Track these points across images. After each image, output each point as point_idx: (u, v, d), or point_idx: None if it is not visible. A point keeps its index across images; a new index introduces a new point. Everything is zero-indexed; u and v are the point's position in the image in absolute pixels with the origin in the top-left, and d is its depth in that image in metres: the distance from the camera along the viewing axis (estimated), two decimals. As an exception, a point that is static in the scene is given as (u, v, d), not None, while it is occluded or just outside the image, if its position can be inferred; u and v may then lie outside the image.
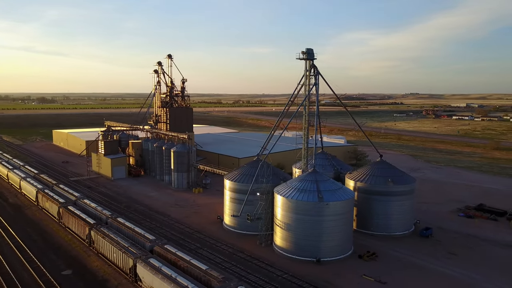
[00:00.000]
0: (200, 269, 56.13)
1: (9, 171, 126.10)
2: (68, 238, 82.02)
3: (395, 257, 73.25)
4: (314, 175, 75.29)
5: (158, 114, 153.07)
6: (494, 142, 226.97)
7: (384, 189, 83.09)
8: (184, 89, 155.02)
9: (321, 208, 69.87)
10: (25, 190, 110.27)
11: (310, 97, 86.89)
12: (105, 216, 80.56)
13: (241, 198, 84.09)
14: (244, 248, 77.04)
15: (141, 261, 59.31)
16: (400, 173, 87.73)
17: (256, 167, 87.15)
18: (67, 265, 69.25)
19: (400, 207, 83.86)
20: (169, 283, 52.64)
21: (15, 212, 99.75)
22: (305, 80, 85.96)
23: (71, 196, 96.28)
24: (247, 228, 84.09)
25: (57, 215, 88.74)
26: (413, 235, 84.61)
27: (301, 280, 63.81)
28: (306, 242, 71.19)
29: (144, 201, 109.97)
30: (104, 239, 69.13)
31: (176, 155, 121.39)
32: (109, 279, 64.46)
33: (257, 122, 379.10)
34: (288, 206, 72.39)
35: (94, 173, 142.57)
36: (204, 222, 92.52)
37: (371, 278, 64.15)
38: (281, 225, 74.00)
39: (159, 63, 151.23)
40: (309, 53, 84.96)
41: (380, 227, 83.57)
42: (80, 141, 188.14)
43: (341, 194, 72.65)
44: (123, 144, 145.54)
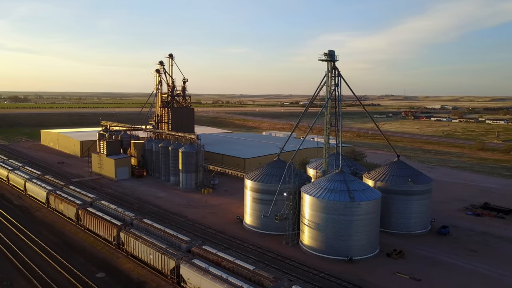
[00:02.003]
0: (247, 269, 56.31)
1: (9, 172, 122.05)
2: (90, 240, 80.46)
3: (420, 254, 75.42)
4: (342, 175, 76.67)
5: (160, 114, 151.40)
6: (479, 143, 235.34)
7: (404, 188, 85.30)
8: (185, 89, 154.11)
9: (353, 208, 71.25)
10: (31, 192, 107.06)
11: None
12: (129, 218, 79.39)
13: (264, 198, 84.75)
14: (271, 248, 77.58)
15: (185, 262, 58.99)
16: (417, 172, 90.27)
17: (277, 167, 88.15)
18: (98, 268, 68.02)
19: (419, 206, 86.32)
20: (222, 283, 52.65)
21: (25, 215, 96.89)
22: (327, 81, 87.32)
23: (85, 197, 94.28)
24: (270, 228, 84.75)
25: (75, 217, 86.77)
26: (430, 233, 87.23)
27: (338, 278, 64.94)
28: (337, 241, 72.38)
29: (155, 202, 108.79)
30: (137, 241, 68.25)
31: (184, 156, 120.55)
32: (146, 281, 63.78)
33: (244, 123, 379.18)
34: (318, 206, 73.41)
35: (95, 174, 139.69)
36: (223, 223, 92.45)
37: (406, 276, 65.94)
38: (310, 224, 74.95)
39: (161, 63, 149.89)
40: (331, 55, 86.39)
41: (400, 225, 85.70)
42: (73, 141, 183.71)
43: (370, 193, 74.30)
44: (124, 144, 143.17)
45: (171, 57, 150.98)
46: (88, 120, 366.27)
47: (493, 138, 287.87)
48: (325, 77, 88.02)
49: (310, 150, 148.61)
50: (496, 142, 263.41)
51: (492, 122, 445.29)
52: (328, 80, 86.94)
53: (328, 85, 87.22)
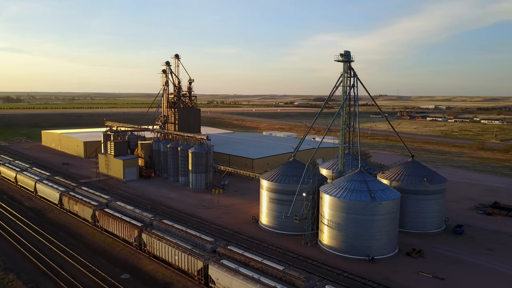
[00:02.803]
0: (277, 270, 56.57)
1: (18, 173, 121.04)
2: (109, 241, 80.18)
3: (439, 254, 76.20)
4: (362, 175, 77.23)
5: (166, 115, 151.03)
6: (479, 142, 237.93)
7: (420, 188, 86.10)
8: (191, 89, 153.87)
9: (374, 208, 71.84)
10: (42, 193, 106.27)
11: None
12: (148, 219, 79.24)
13: (282, 198, 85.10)
14: (291, 248, 77.90)
15: (213, 262, 59.09)
16: (432, 172, 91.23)
17: (293, 168, 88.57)
18: (122, 269, 67.82)
19: (434, 205, 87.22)
20: (254, 283, 52.84)
21: (38, 216, 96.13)
22: (343, 81, 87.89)
23: (100, 198, 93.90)
24: (287, 228, 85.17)
25: (91, 218, 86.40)
26: (445, 232, 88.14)
27: (362, 277, 65.43)
28: (358, 241, 72.90)
29: (167, 202, 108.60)
30: (160, 242, 68.18)
31: (194, 156, 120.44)
32: (172, 282, 63.76)
33: (243, 123, 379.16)
34: (338, 206, 73.86)
35: (102, 175, 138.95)
36: (239, 223, 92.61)
37: (429, 274, 66.63)
38: (330, 224, 75.40)
39: (167, 63, 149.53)
40: (347, 55, 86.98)
41: (415, 225, 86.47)
42: (76, 142, 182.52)
43: (390, 193, 74.96)
44: (131, 145, 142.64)
45: (177, 57, 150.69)
46: (86, 121, 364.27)
47: (491, 138, 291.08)
48: (341, 78, 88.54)
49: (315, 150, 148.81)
50: (494, 141, 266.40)
51: (487, 122, 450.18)
52: (344, 80, 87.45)
53: (344, 86, 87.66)
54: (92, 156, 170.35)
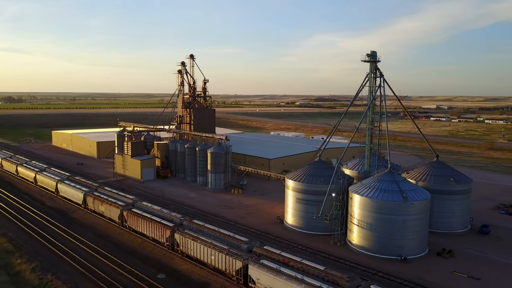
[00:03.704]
0: (318, 270, 56.72)
1: (37, 173, 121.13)
2: (138, 241, 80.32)
3: (469, 254, 76.44)
4: (392, 175, 77.47)
5: (181, 115, 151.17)
6: (488, 142, 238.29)
7: (446, 188, 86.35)
8: (206, 89, 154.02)
9: (406, 208, 72.09)
10: (64, 193, 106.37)
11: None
12: (178, 219, 79.38)
13: (309, 198, 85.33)
14: (320, 248, 78.10)
15: (253, 262, 59.25)
16: (457, 172, 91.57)
17: (320, 168, 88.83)
18: (156, 269, 67.94)
19: (460, 205, 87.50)
20: (299, 283, 53.01)
21: (63, 217, 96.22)
22: (369, 81, 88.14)
23: (125, 198, 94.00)
24: (314, 229, 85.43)
25: (118, 218, 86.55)
26: (471, 232, 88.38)
27: (398, 277, 65.63)
28: (389, 241, 73.11)
29: (188, 202, 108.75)
30: (195, 242, 68.35)
31: (213, 156, 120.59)
32: (209, 282, 63.91)
33: (248, 123, 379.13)
34: (370, 206, 74.08)
35: (119, 175, 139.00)
36: (263, 223, 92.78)
37: (464, 274, 66.84)
38: (360, 224, 75.61)
39: (183, 63, 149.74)
40: (373, 56, 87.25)
41: (442, 225, 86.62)
42: (89, 142, 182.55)
43: (420, 193, 75.21)
44: (147, 145, 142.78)
45: (192, 57, 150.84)
46: (92, 121, 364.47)
47: (498, 138, 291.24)
48: (367, 78, 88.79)
49: (330, 150, 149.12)
50: (502, 141, 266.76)
51: (492, 122, 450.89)
52: (371, 80, 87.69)
53: (371, 86, 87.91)
54: (105, 156, 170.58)
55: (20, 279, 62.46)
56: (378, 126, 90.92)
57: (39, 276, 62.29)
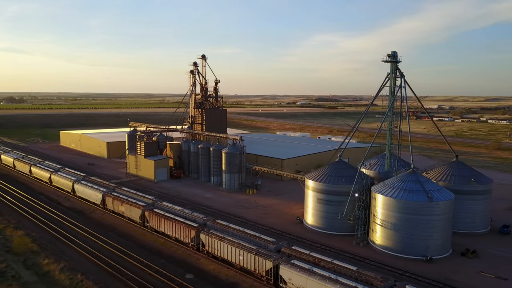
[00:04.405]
0: (351, 270, 56.80)
1: (52, 174, 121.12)
2: (161, 241, 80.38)
3: (493, 254, 76.57)
4: (415, 176, 77.61)
5: (193, 115, 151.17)
6: (495, 142, 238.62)
7: (467, 188, 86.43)
8: (217, 90, 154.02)
9: (432, 208, 72.20)
10: (82, 194, 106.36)
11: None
12: (201, 219, 79.42)
13: (330, 199, 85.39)
14: (343, 248, 78.17)
15: (285, 262, 59.31)
16: (477, 173, 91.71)
17: (340, 168, 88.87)
18: (183, 269, 67.98)
19: (481, 205, 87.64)
20: (333, 284, 53.08)
21: (82, 217, 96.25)
22: (390, 82, 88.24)
23: (144, 198, 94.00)
24: (335, 229, 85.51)
25: (140, 218, 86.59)
26: (492, 232, 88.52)
27: (426, 277, 65.70)
28: (414, 241, 73.19)
29: (205, 202, 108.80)
30: (222, 242, 68.38)
31: (228, 156, 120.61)
32: (237, 282, 63.99)
33: (253, 123, 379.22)
34: (394, 206, 74.16)
35: (131, 175, 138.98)
36: (283, 223, 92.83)
37: (491, 275, 66.95)
38: (384, 224, 75.71)
39: (195, 64, 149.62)
40: (394, 56, 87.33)
41: (463, 225, 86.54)
42: (98, 142, 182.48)
43: (445, 194, 75.31)
44: (160, 145, 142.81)
45: (204, 58, 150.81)
46: (96, 121, 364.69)
47: (503, 138, 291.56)
48: (387, 78, 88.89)
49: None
50: (508, 141, 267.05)
51: (495, 122, 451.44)
52: (392, 81, 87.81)
53: (391, 86, 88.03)
54: (118, 156, 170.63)
55: (49, 279, 62.43)
56: (398, 127, 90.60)
57: (69, 276, 62.26)
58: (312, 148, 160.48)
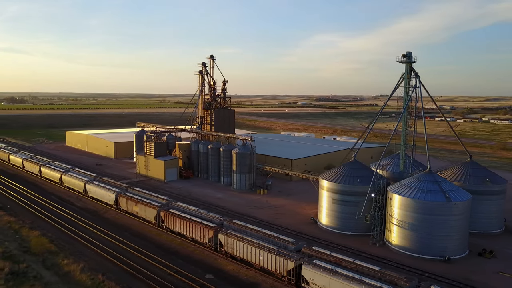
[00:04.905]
0: (374, 270, 56.86)
1: (62, 174, 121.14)
2: (177, 242, 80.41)
3: (510, 254, 76.69)
4: (432, 176, 77.72)
5: (202, 116, 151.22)
6: (500, 143, 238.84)
7: (482, 188, 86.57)
8: (226, 90, 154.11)
9: (450, 208, 72.31)
10: (94, 194, 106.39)
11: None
12: (217, 219, 79.49)
13: (345, 199, 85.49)
14: (360, 248, 78.21)
15: (307, 263, 59.36)
16: (491, 173, 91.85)
17: (355, 168, 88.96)
18: (203, 270, 68.01)
19: (496, 206, 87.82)
20: (358, 284, 53.16)
21: (95, 217, 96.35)
22: (405, 82, 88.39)
23: (158, 199, 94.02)
24: (350, 229, 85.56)
25: (154, 219, 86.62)
26: (506, 232, 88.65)
27: (445, 277, 65.75)
28: (432, 241, 73.28)
29: (216, 202, 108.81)
30: (241, 242, 68.44)
31: (239, 157, 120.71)
32: (258, 282, 64.04)
33: (256, 123, 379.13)
34: (411, 206, 74.25)
35: (141, 176, 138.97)
36: (297, 223, 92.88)
37: (510, 275, 67.03)
38: (401, 224, 75.78)
39: (203, 64, 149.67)
40: (408, 56, 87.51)
41: (478, 225, 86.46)
42: (105, 142, 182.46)
43: (462, 194, 75.45)
44: (170, 146, 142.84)
45: (212, 58, 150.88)
46: (99, 121, 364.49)
47: (507, 138, 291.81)
48: (401, 79, 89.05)
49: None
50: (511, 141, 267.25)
51: (497, 122, 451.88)
52: (407, 81, 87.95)
53: (406, 86, 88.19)
54: (128, 156, 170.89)
55: (70, 279, 62.41)
56: (413, 127, 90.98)
57: (90, 276, 62.24)
58: (320, 148, 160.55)
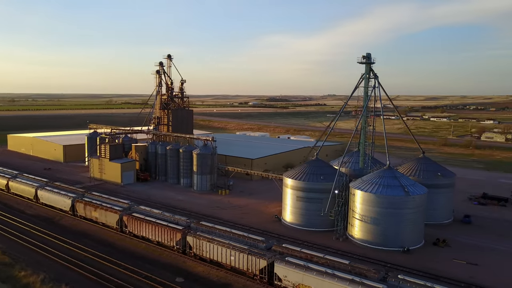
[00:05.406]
0: (344, 264, 58.80)
1: (9, 180, 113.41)
2: (143, 246, 78.25)
3: (461, 242, 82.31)
4: (392, 171, 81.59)
5: (159, 116, 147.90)
6: (442, 139, 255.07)
7: (435, 182, 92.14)
8: (183, 90, 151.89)
9: (409, 202, 76.35)
10: (47, 200, 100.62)
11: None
12: (184, 221, 78.30)
13: (309, 196, 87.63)
14: (325, 243, 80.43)
15: (279, 260, 60.11)
16: (442, 167, 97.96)
17: (318, 166, 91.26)
18: (172, 273, 66.73)
19: (446, 198, 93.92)
20: (331, 278, 54.76)
21: (50, 225, 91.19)
22: (365, 82, 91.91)
23: (119, 203, 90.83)
24: (314, 225, 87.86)
25: (116, 224, 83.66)
26: (455, 222, 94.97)
27: (406, 267, 69.25)
28: (393, 234, 77.04)
29: (179, 205, 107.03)
30: (211, 243, 67.94)
31: (200, 157, 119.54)
32: (230, 283, 63.92)
33: (210, 123, 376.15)
34: (373, 201, 77.49)
35: (95, 179, 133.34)
36: (262, 222, 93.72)
37: (463, 261, 71.99)
38: (363, 219, 78.87)
39: (161, 64, 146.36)
40: (368, 57, 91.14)
41: (430, 217, 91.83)
42: (53, 146, 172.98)
43: (418, 188, 79.87)
44: (125, 148, 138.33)
45: (169, 58, 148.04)
46: (42, 124, 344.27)
47: (447, 134, 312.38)
48: (361, 79, 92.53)
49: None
50: (452, 137, 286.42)
51: (437, 120, 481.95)
52: (366, 81, 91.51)
53: (366, 86, 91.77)
54: (73, 160, 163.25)
55: (31, 292, 58.78)
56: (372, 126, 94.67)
57: (52, 287, 58.93)
58: (278, 147, 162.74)
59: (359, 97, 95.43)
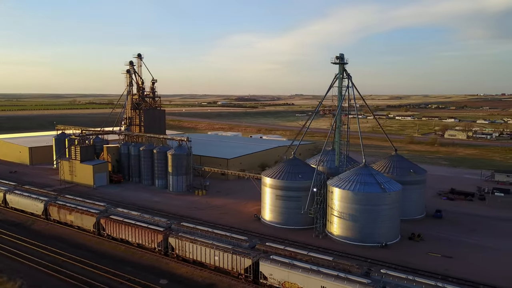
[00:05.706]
0: (328, 260, 60.07)
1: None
2: (122, 249, 76.77)
3: (434, 236, 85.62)
4: (368, 169, 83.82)
5: (130, 116, 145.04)
6: (409, 137, 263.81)
7: (407, 178, 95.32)
8: (154, 90, 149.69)
9: (385, 198, 78.76)
10: (17, 205, 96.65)
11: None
12: (164, 223, 77.41)
13: (288, 194, 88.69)
14: (305, 241, 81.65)
15: (264, 259, 60.64)
16: (413, 164, 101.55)
17: (295, 165, 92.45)
18: (155, 275, 65.91)
19: (418, 194, 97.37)
20: (316, 274, 55.82)
21: (22, 230, 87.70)
22: (338, 82, 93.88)
23: (95, 205, 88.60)
24: (293, 223, 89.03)
25: (93, 227, 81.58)
26: (427, 217, 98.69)
27: (385, 261, 71.44)
28: (370, 230, 79.25)
29: (156, 206, 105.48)
30: (194, 244, 67.63)
31: (175, 158, 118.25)
32: (214, 283, 63.87)
33: (180, 123, 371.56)
34: (351, 198, 79.44)
35: (66, 182, 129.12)
36: (242, 221, 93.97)
37: (438, 254, 75.07)
38: (342, 216, 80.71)
39: (131, 63, 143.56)
40: (341, 58, 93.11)
41: (404, 212, 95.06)
42: (18, 148, 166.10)
43: (393, 185, 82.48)
44: (97, 149, 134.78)
45: (140, 57, 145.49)
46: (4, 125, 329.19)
47: (412, 132, 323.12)
48: (335, 79, 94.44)
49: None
50: (417, 135, 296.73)
51: (402, 118, 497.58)
52: (340, 81, 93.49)
53: (340, 86, 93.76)
54: (40, 162, 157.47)
55: (8, 300, 56.53)
56: (347, 125, 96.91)
57: (31, 294, 56.93)
58: (252, 147, 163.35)
59: (333, 97, 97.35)
